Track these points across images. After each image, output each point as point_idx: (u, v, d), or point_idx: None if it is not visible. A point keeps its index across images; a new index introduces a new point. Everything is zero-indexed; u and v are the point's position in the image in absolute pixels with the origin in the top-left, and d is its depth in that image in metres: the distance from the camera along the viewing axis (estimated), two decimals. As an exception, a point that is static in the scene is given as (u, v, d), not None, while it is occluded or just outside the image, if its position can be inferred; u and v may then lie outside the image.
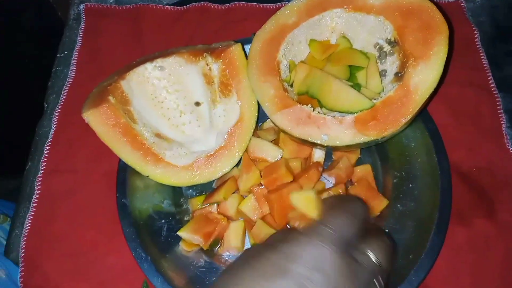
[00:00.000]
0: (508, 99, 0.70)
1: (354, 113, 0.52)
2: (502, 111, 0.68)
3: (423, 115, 0.58)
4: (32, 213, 0.61)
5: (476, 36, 0.73)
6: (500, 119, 0.67)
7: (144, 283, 0.56)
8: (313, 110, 0.53)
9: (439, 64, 0.49)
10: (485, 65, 0.71)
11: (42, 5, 0.86)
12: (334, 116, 0.52)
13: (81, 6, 0.77)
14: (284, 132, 0.54)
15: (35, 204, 0.61)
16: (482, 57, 0.72)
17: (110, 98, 0.54)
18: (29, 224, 0.60)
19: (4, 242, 0.65)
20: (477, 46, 0.73)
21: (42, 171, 0.63)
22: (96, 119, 0.53)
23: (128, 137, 0.54)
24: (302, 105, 0.53)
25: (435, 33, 0.50)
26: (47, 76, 0.73)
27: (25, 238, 0.59)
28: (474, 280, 0.56)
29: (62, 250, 0.58)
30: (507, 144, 0.65)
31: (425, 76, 0.49)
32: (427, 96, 0.48)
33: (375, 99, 0.53)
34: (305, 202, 0.47)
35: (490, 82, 0.70)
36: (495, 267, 0.57)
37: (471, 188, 0.62)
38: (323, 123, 0.52)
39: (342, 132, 0.51)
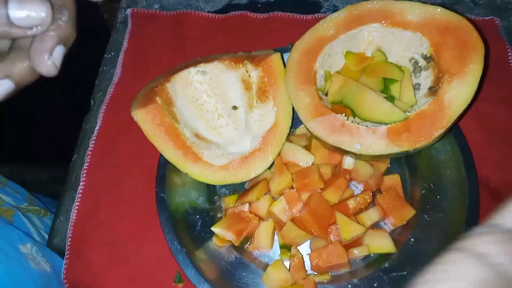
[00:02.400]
0: (541, 117, 0.71)
1: (387, 124, 0.54)
2: (535, 130, 0.69)
3: (454, 130, 0.59)
4: (78, 204, 0.65)
5: (509, 54, 0.74)
6: (531, 137, 0.68)
7: (178, 274, 0.59)
8: (347, 119, 0.56)
9: (473, 82, 0.50)
10: (518, 83, 0.72)
11: (89, 8, 0.91)
12: (367, 126, 0.54)
13: (128, 11, 0.81)
14: (318, 139, 0.57)
15: (80, 195, 0.65)
16: (515, 75, 0.73)
17: (157, 99, 0.58)
18: (75, 215, 0.64)
19: (46, 236, 0.70)
20: (510, 64, 0.73)
21: (87, 164, 0.67)
22: (144, 118, 0.57)
23: (171, 136, 0.58)
24: (337, 113, 0.56)
25: (471, 51, 0.52)
26: (92, 74, 0.78)
27: (72, 228, 0.64)
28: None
29: (103, 240, 0.62)
30: (539, 162, 0.66)
31: (460, 92, 0.51)
32: (461, 112, 0.50)
33: (408, 112, 0.55)
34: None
35: (523, 100, 0.71)
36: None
37: (498, 204, 0.62)
38: (356, 132, 0.54)
39: (375, 142, 0.53)
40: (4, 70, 0.35)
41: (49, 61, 0.34)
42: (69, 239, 0.63)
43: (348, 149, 0.54)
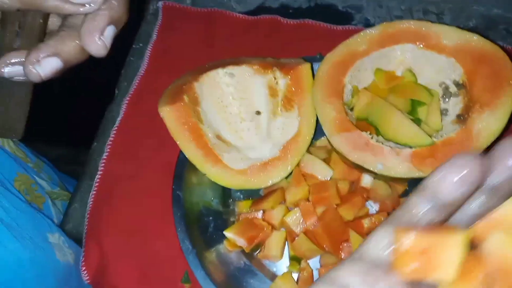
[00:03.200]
0: None
1: (412, 147, 0.54)
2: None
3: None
4: (94, 193, 0.66)
5: None
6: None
7: (185, 274, 0.59)
8: (371, 138, 0.55)
9: (505, 114, 0.50)
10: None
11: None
12: (391, 147, 0.54)
13: (160, 3, 0.81)
14: (339, 154, 0.56)
15: (97, 184, 0.66)
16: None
17: (185, 97, 0.58)
18: (91, 203, 0.65)
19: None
20: None
21: (107, 154, 0.68)
22: (170, 115, 0.57)
23: (194, 136, 0.58)
24: (362, 131, 0.55)
25: (505, 83, 0.51)
26: (117, 63, 0.78)
27: (88, 216, 0.64)
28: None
29: (117, 229, 0.63)
30: None
31: (490, 124, 0.50)
32: (488, 144, 0.49)
33: (433, 137, 0.54)
34: None
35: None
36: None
37: None
38: (380, 152, 0.54)
39: (397, 164, 0.53)
40: (53, 47, 0.35)
41: (99, 41, 0.34)
42: (86, 227, 0.63)
43: (369, 168, 0.53)
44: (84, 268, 0.61)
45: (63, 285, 0.58)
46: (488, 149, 0.51)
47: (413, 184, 0.65)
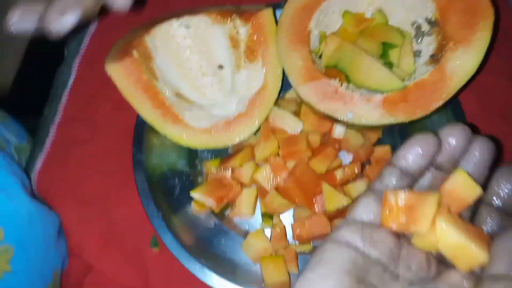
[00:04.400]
0: (542, 92, 0.68)
1: (383, 92, 0.50)
2: (534, 104, 0.66)
3: (452, 102, 0.56)
4: (44, 158, 0.61)
5: None
6: (533, 113, 0.65)
7: (153, 238, 0.57)
8: (341, 86, 0.52)
9: (480, 51, 0.46)
10: (523, 57, 0.68)
11: None
12: (362, 94, 0.51)
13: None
14: (308, 105, 0.53)
15: (48, 149, 0.61)
16: (521, 47, 0.68)
17: (134, 52, 0.53)
18: (40, 166, 0.60)
19: None
20: None
21: (59, 119, 0.63)
22: (119, 73, 0.52)
23: (149, 94, 0.53)
24: (330, 79, 0.52)
25: (479, 18, 0.48)
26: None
27: (36, 182, 0.60)
28: None
29: (74, 197, 0.59)
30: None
31: (464, 62, 0.47)
32: (463, 84, 0.47)
33: (406, 80, 0.51)
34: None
35: (526, 74, 0.67)
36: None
37: None
38: (350, 100, 0.50)
39: (369, 111, 0.49)
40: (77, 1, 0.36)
41: None
42: (36, 192, 0.59)
43: (339, 118, 0.50)
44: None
45: (58, 236, 0.56)
46: (463, 88, 0.48)
47: (388, 132, 0.62)
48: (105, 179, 0.59)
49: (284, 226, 0.55)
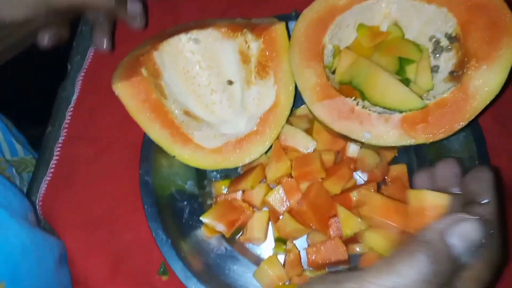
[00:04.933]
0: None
1: (401, 111, 0.48)
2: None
3: (471, 126, 0.54)
4: (49, 179, 0.59)
5: None
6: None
7: (162, 265, 0.54)
8: (357, 104, 0.49)
9: (505, 69, 0.44)
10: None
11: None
12: (379, 113, 0.48)
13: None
14: (322, 124, 0.51)
15: (53, 170, 0.59)
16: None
17: (143, 70, 0.51)
18: (44, 190, 0.58)
19: None
20: None
21: (63, 138, 0.61)
22: (127, 92, 0.50)
23: (157, 114, 0.51)
24: (346, 97, 0.50)
25: (503, 34, 0.45)
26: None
27: (40, 205, 0.58)
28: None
29: (79, 220, 0.57)
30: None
31: (488, 80, 0.44)
32: (487, 103, 0.44)
33: (425, 98, 0.49)
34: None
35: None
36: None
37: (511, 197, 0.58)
38: (366, 119, 0.48)
39: (387, 132, 0.47)
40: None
41: None
42: (40, 216, 0.57)
43: (356, 138, 0.48)
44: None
45: (58, 265, 0.53)
46: (486, 109, 0.46)
47: (403, 150, 0.60)
48: (112, 201, 0.57)
49: (299, 252, 0.52)
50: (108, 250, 0.55)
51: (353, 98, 0.50)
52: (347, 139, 0.52)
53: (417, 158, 0.60)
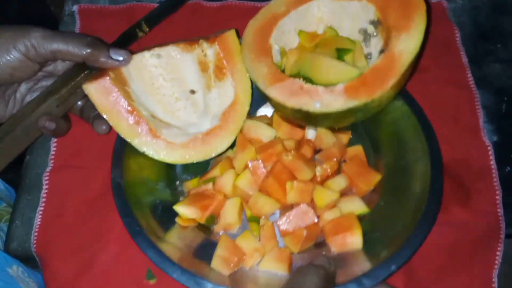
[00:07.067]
0: (486, 95, 0.73)
1: (344, 83, 0.55)
2: (480, 107, 0.71)
3: (409, 100, 0.61)
4: (42, 209, 0.61)
5: (457, 36, 0.77)
6: (478, 114, 0.70)
7: (148, 271, 0.55)
8: (305, 83, 0.56)
9: (419, 32, 0.53)
10: (465, 64, 0.74)
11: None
12: (325, 87, 0.55)
13: (75, 7, 0.78)
14: (278, 105, 0.56)
15: (44, 199, 0.61)
16: (462, 56, 0.75)
17: (110, 73, 0.56)
18: (39, 221, 0.60)
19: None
20: (458, 46, 0.76)
21: (50, 168, 0.63)
22: (96, 90, 0.54)
23: (126, 111, 0.55)
24: (295, 78, 0.56)
25: (414, 9, 0.55)
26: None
27: (36, 236, 0.59)
28: (450, 258, 0.58)
29: (69, 246, 0.58)
30: (483, 138, 0.67)
31: (408, 43, 0.52)
32: (411, 59, 0.52)
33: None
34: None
35: (469, 80, 0.73)
36: (468, 249, 0.59)
37: (449, 178, 0.63)
38: (315, 93, 0.54)
39: (334, 100, 0.53)
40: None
41: None
42: (34, 249, 0.58)
43: (308, 109, 0.53)
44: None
45: None
46: (413, 70, 0.53)
47: (356, 134, 0.65)
48: (97, 222, 0.59)
49: (272, 223, 0.54)
50: (95, 267, 0.56)
51: (301, 78, 0.56)
52: (303, 122, 0.58)
53: (370, 140, 0.65)
